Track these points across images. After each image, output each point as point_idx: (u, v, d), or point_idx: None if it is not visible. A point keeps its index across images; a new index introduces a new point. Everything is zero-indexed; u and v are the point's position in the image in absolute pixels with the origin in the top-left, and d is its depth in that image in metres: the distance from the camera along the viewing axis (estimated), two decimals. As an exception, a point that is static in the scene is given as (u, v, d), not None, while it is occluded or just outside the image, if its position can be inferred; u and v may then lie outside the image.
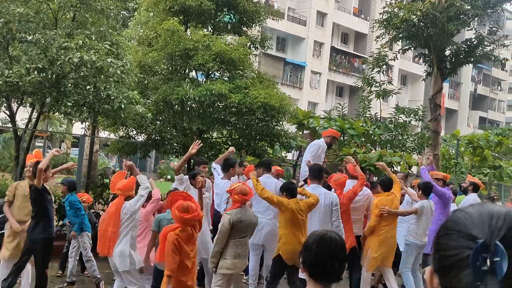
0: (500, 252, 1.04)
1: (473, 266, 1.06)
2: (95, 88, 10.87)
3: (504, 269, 1.03)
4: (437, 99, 18.59)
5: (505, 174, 24.85)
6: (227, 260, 6.59)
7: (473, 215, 1.14)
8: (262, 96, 12.29)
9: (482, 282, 1.04)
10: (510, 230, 1.08)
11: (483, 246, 1.06)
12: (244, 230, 6.65)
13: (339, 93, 53.94)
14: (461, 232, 1.13)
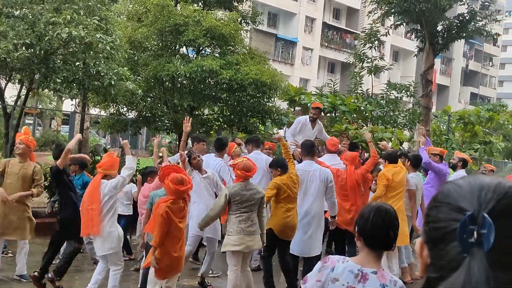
0: (488, 225, 1.04)
1: (460, 238, 1.06)
2: (85, 64, 10.75)
3: (491, 241, 1.03)
4: (428, 75, 18.56)
5: (495, 149, 25.00)
6: (231, 236, 6.54)
7: (463, 188, 1.14)
8: (254, 73, 12.22)
9: (468, 254, 1.04)
10: (499, 202, 1.08)
11: (471, 218, 1.06)
12: (244, 205, 6.55)
13: (331, 69, 53.80)
14: (450, 205, 1.13)
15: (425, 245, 1.17)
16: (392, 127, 16.01)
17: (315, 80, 47.12)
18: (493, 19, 18.86)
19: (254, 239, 6.63)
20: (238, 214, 6.54)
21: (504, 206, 1.08)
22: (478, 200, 1.09)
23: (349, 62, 20.30)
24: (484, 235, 1.04)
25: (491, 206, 1.07)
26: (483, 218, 1.05)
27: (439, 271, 1.11)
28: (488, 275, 1.02)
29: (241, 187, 6.58)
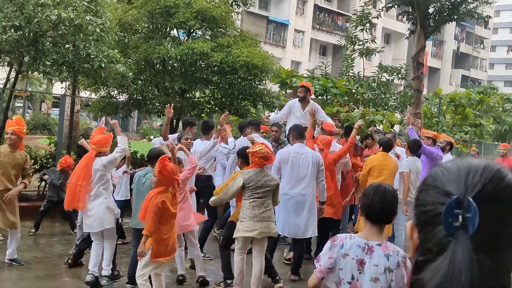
0: (472, 209, 1.05)
1: (445, 221, 1.07)
2: (74, 46, 10.66)
3: (476, 225, 1.04)
4: (420, 57, 18.57)
5: (485, 132, 25.15)
6: (244, 222, 6.50)
7: (451, 171, 1.14)
8: (245, 55, 12.16)
9: (453, 237, 1.05)
10: (485, 186, 1.09)
11: (456, 202, 1.07)
12: (259, 191, 6.51)
13: (323, 52, 53.66)
14: (437, 188, 1.13)
15: (415, 227, 1.18)
16: (383, 109, 16.03)
17: (307, 63, 47.03)
18: (484, 1, 18.85)
19: (268, 225, 6.58)
20: (252, 199, 6.51)
21: (490, 190, 1.08)
22: (465, 184, 1.09)
23: (341, 45, 20.24)
24: (469, 219, 1.05)
25: (478, 190, 1.08)
26: (468, 202, 1.06)
27: (426, 254, 1.12)
28: (471, 259, 1.02)
29: (256, 173, 6.56)
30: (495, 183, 1.09)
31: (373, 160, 8.89)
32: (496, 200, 1.08)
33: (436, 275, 1.04)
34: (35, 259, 7.92)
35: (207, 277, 7.30)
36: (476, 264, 1.02)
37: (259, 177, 6.54)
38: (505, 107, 32.31)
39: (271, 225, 6.63)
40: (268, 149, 6.76)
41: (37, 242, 8.96)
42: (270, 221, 6.60)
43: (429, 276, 1.06)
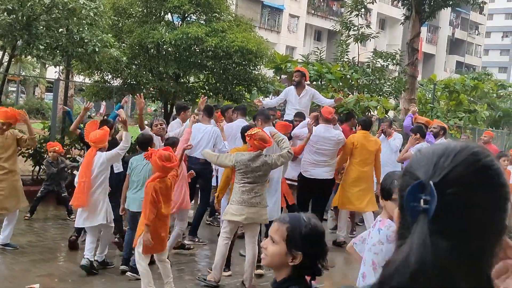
0: (432, 192, 1.05)
1: (407, 205, 1.08)
2: (68, 30, 10.60)
3: (433, 209, 1.05)
4: (415, 43, 18.54)
5: (479, 118, 25.19)
6: (232, 205, 6.47)
7: (426, 155, 1.15)
8: (239, 40, 12.12)
9: (416, 221, 1.07)
10: (454, 168, 1.09)
11: (419, 185, 1.08)
12: (249, 176, 6.43)
13: (317, 37, 53.51)
14: (411, 173, 1.14)
15: (399, 211, 1.19)
16: (378, 95, 16.04)
17: (301, 48, 46.89)
18: (479, -13, 18.79)
19: (258, 211, 6.50)
20: (241, 184, 6.45)
21: (459, 174, 1.08)
22: (434, 168, 1.10)
23: (336, 30, 20.19)
24: (429, 202, 1.05)
25: (444, 174, 1.08)
26: (430, 186, 1.06)
27: (400, 239, 1.14)
28: (425, 243, 1.04)
29: (250, 158, 6.46)
30: (466, 166, 1.09)
31: (355, 139, 8.97)
32: (465, 183, 1.07)
33: (398, 257, 1.06)
34: (30, 244, 7.93)
35: (200, 262, 7.33)
36: (430, 248, 1.03)
37: (252, 162, 6.45)
38: (499, 93, 32.34)
39: (261, 211, 6.54)
40: (265, 133, 6.73)
41: (31, 226, 8.97)
42: (259, 207, 6.51)
43: (392, 259, 1.08)
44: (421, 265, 1.02)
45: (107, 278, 6.71)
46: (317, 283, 2.53)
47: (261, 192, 6.56)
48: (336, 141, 8.87)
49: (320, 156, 8.79)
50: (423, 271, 1.02)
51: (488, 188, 1.09)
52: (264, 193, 6.65)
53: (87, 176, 6.72)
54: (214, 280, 6.53)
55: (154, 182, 5.80)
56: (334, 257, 8.78)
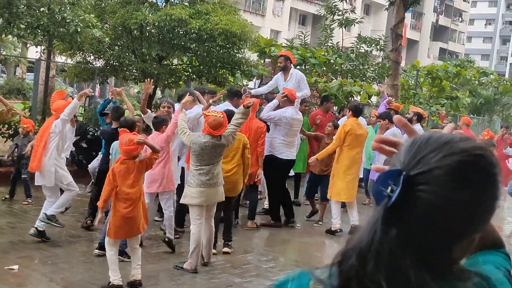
0: (400, 182, 1.05)
1: (376, 188, 1.09)
2: (50, 10, 10.44)
3: (393, 198, 1.05)
4: (399, 29, 18.57)
5: (461, 105, 25.38)
6: (191, 187, 6.48)
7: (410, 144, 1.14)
8: (223, 23, 12.04)
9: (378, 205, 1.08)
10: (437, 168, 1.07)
11: (394, 173, 1.08)
12: (204, 158, 6.43)
13: (302, 22, 53.40)
14: (397, 161, 1.14)
15: None
16: (361, 80, 16.07)
17: (286, 32, 46.80)
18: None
19: (216, 191, 6.57)
20: (198, 166, 6.45)
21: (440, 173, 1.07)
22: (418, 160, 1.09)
23: (320, 15, 20.14)
24: (394, 191, 1.05)
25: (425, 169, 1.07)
26: (402, 176, 1.06)
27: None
28: (376, 227, 1.06)
29: (205, 140, 6.42)
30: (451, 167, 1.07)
31: (348, 127, 8.92)
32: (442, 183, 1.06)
33: (356, 235, 1.09)
34: (9, 225, 7.88)
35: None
36: (379, 233, 1.05)
37: (208, 144, 6.41)
38: (481, 81, 32.55)
39: (219, 190, 6.63)
40: (224, 119, 6.57)
41: (11, 207, 8.91)
42: (217, 187, 6.58)
43: (351, 238, 1.11)
44: (367, 244, 1.05)
45: (86, 258, 6.69)
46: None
47: (218, 171, 6.61)
48: (300, 122, 9.32)
49: (293, 137, 9.11)
50: (370, 253, 1.05)
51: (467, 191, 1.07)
52: (220, 171, 6.68)
53: (41, 141, 7.13)
54: (190, 268, 6.54)
55: (114, 164, 5.96)
56: (318, 243, 8.88)
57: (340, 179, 8.93)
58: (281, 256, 7.89)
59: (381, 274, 1.04)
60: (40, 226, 7.16)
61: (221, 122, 6.48)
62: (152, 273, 6.42)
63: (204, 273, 6.56)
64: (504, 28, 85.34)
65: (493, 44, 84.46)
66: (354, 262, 1.06)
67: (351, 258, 1.06)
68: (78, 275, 6.19)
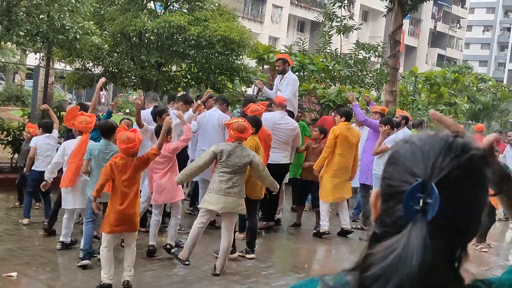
0: (434, 195, 1.05)
1: (406, 204, 1.07)
2: (49, 17, 10.48)
3: (435, 211, 1.04)
4: (397, 35, 18.62)
5: (459, 111, 25.43)
6: (210, 193, 6.55)
7: (421, 150, 1.13)
8: (222, 29, 12.08)
9: (412, 220, 1.06)
10: (452, 171, 1.08)
11: (420, 185, 1.07)
12: (229, 166, 6.50)
13: (301, 28, 53.51)
14: (405, 166, 1.13)
15: (380, 197, 1.18)
16: (360, 87, 16.10)
17: (284, 39, 46.89)
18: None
19: (235, 201, 6.57)
20: (220, 173, 6.52)
21: (454, 176, 1.08)
22: (432, 167, 1.08)
23: (319, 21, 20.19)
24: (430, 204, 1.05)
25: (443, 175, 1.07)
26: (431, 188, 1.05)
27: (384, 228, 1.13)
28: (425, 244, 1.03)
29: (231, 148, 6.54)
30: (464, 167, 1.09)
31: (338, 131, 8.98)
32: (460, 185, 1.08)
33: (390, 254, 1.04)
34: (7, 232, 7.86)
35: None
36: (430, 249, 1.03)
37: (232, 152, 6.52)
38: (479, 87, 32.61)
39: (238, 201, 6.62)
40: (246, 123, 6.75)
41: (8, 214, 8.89)
42: (236, 197, 6.58)
43: (382, 254, 1.06)
44: (420, 267, 1.01)
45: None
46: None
47: (239, 182, 6.63)
48: (290, 128, 9.08)
49: (276, 143, 8.86)
50: (423, 273, 1.01)
51: (478, 191, 1.11)
52: (242, 184, 6.69)
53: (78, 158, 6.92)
54: (182, 258, 6.74)
55: (113, 159, 5.95)
56: (316, 248, 8.88)
57: (328, 181, 9.01)
58: (280, 261, 7.89)
59: None
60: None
61: (245, 125, 6.65)
62: (151, 279, 6.41)
63: (203, 279, 6.56)
64: (502, 34, 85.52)
65: (491, 50, 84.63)
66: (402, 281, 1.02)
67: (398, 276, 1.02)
68: (77, 281, 6.18)
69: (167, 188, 7.17)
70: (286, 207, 9.86)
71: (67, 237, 7.16)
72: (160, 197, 7.22)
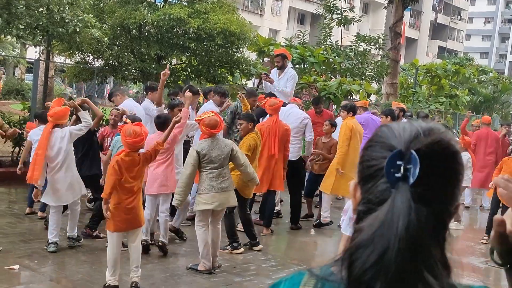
0: (414, 160, 1.09)
1: (387, 172, 1.11)
2: (48, 10, 10.45)
3: (415, 175, 1.08)
4: (397, 27, 18.61)
5: (460, 103, 25.38)
6: (203, 194, 6.45)
7: (396, 129, 1.19)
8: (222, 22, 12.05)
9: (394, 188, 1.09)
10: (428, 143, 1.13)
11: (399, 153, 1.11)
12: (215, 161, 6.44)
13: (301, 21, 53.40)
14: (383, 143, 1.17)
15: (358, 185, 1.21)
16: (360, 79, 16.08)
17: (285, 31, 46.79)
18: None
19: (228, 196, 6.58)
20: (208, 171, 6.44)
21: (431, 147, 1.13)
22: (409, 139, 1.14)
23: (319, 14, 20.14)
24: (409, 170, 1.09)
25: (419, 146, 1.12)
26: (410, 154, 1.10)
27: (367, 204, 1.16)
28: (410, 206, 1.06)
29: (208, 143, 6.46)
30: (437, 142, 1.14)
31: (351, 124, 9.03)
32: (435, 158, 1.13)
33: (376, 222, 1.07)
34: (10, 225, 7.88)
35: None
36: (414, 211, 1.06)
37: (212, 147, 6.45)
38: (480, 79, 32.52)
39: (231, 194, 6.64)
40: (218, 117, 6.63)
41: (11, 208, 8.91)
42: (228, 191, 6.58)
43: (368, 224, 1.09)
44: (407, 228, 1.04)
45: (87, 258, 6.70)
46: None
47: (228, 175, 6.62)
48: (301, 119, 9.06)
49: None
50: (409, 234, 1.04)
51: (451, 163, 1.16)
52: (230, 175, 6.68)
53: (42, 149, 6.72)
54: (205, 269, 6.53)
55: (118, 156, 5.73)
56: (317, 241, 8.90)
57: (332, 173, 8.99)
58: (281, 254, 7.91)
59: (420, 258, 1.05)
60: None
61: (217, 119, 6.52)
62: (151, 272, 6.43)
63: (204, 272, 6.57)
64: (503, 26, 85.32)
65: (492, 42, 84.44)
66: (390, 245, 1.04)
67: (385, 241, 1.05)
68: (79, 274, 6.20)
69: (160, 179, 7.08)
70: (287, 200, 9.85)
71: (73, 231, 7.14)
72: (153, 188, 7.11)
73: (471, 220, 12.08)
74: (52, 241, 6.82)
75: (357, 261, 1.06)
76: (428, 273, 1.04)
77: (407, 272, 1.03)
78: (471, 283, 1.24)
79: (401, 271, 1.02)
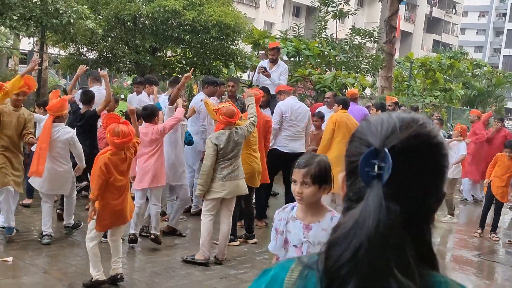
0: (387, 159, 1.10)
1: (362, 171, 1.13)
2: (42, 1, 10.38)
3: (388, 174, 1.10)
4: (393, 21, 18.60)
5: (455, 96, 25.44)
6: (213, 183, 6.45)
7: (374, 123, 1.20)
8: (217, 14, 12.02)
9: (369, 186, 1.11)
10: (404, 138, 1.14)
11: (373, 152, 1.13)
12: (230, 152, 6.44)
13: (296, 13, 53.27)
14: (361, 139, 1.19)
15: (345, 177, 1.24)
16: (355, 72, 16.07)
17: (280, 24, 46.66)
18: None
19: (237, 184, 6.58)
20: (221, 161, 6.44)
21: (408, 143, 1.14)
22: (385, 135, 1.15)
23: (314, 6, 20.09)
24: (383, 168, 1.10)
25: (395, 142, 1.13)
26: (385, 152, 1.11)
27: (348, 201, 1.20)
28: (381, 205, 1.08)
29: (225, 136, 6.42)
30: (414, 136, 1.15)
31: (335, 118, 8.89)
32: (412, 152, 1.14)
33: (349, 220, 1.10)
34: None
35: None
36: (385, 210, 1.08)
37: (229, 139, 6.43)
38: (474, 73, 32.59)
39: (240, 183, 6.65)
40: (234, 106, 6.66)
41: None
42: (239, 180, 6.60)
43: (344, 221, 1.12)
44: (377, 227, 1.06)
45: (81, 251, 6.69)
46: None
47: (238, 164, 6.63)
48: (306, 111, 9.00)
49: (296, 128, 8.77)
50: (379, 233, 1.06)
51: (431, 156, 1.17)
52: (241, 165, 6.68)
53: (45, 143, 6.67)
54: (204, 258, 6.51)
55: (104, 155, 5.59)
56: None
57: None
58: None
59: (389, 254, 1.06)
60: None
61: (233, 109, 6.53)
62: (145, 265, 6.43)
63: (199, 265, 6.56)
64: (497, 20, 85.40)
65: (487, 36, 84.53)
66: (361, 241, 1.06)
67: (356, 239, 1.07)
68: (72, 266, 6.19)
69: (151, 172, 6.97)
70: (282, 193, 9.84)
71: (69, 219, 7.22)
72: (144, 182, 7.00)
73: (465, 214, 12.13)
74: (46, 233, 6.80)
75: (333, 257, 1.09)
76: (398, 270, 1.06)
77: (378, 270, 1.05)
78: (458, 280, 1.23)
79: (373, 269, 1.05)
